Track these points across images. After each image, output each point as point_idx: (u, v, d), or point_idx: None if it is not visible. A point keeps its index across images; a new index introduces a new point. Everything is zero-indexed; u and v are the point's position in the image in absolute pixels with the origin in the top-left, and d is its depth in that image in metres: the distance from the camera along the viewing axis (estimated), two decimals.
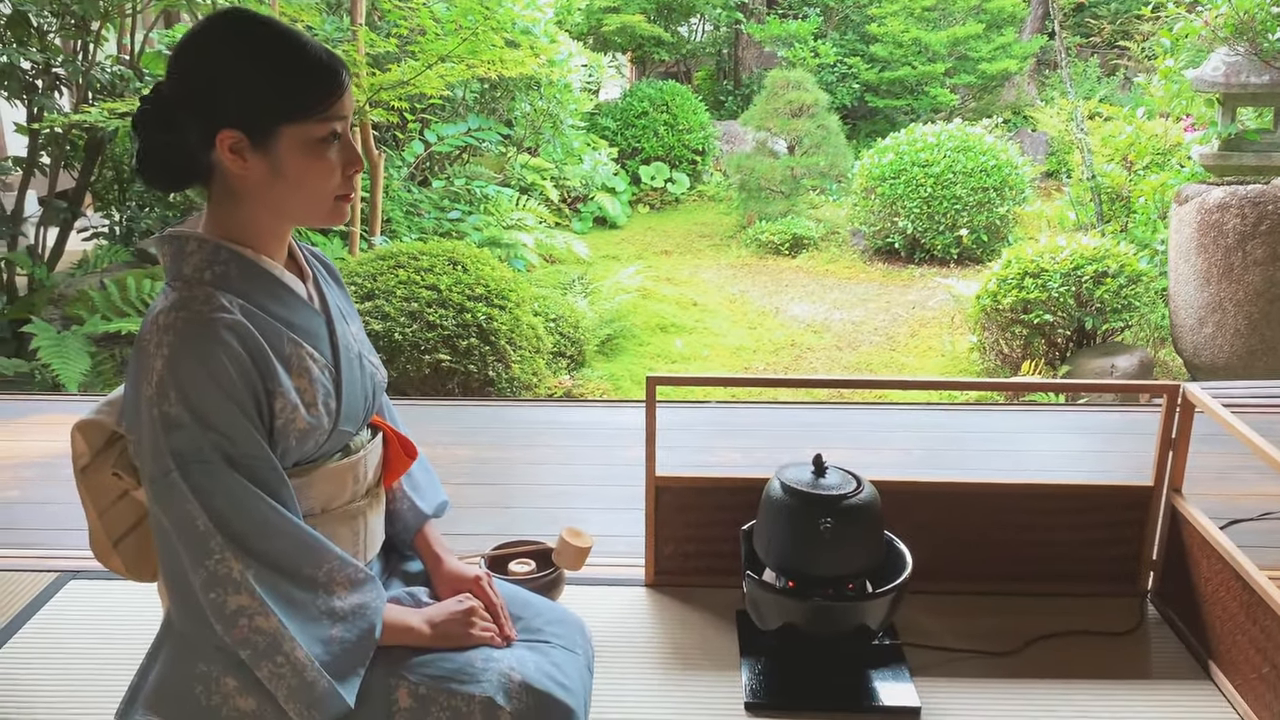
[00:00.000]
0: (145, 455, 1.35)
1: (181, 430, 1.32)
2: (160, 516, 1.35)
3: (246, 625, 1.34)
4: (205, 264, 1.38)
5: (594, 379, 5.07)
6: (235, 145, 1.33)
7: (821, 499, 1.78)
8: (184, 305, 1.34)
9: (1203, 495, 2.64)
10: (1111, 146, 6.41)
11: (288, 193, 1.38)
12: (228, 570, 1.34)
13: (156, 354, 1.32)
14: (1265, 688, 1.73)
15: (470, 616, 1.58)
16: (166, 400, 1.31)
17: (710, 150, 9.48)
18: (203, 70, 1.32)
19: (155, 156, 1.36)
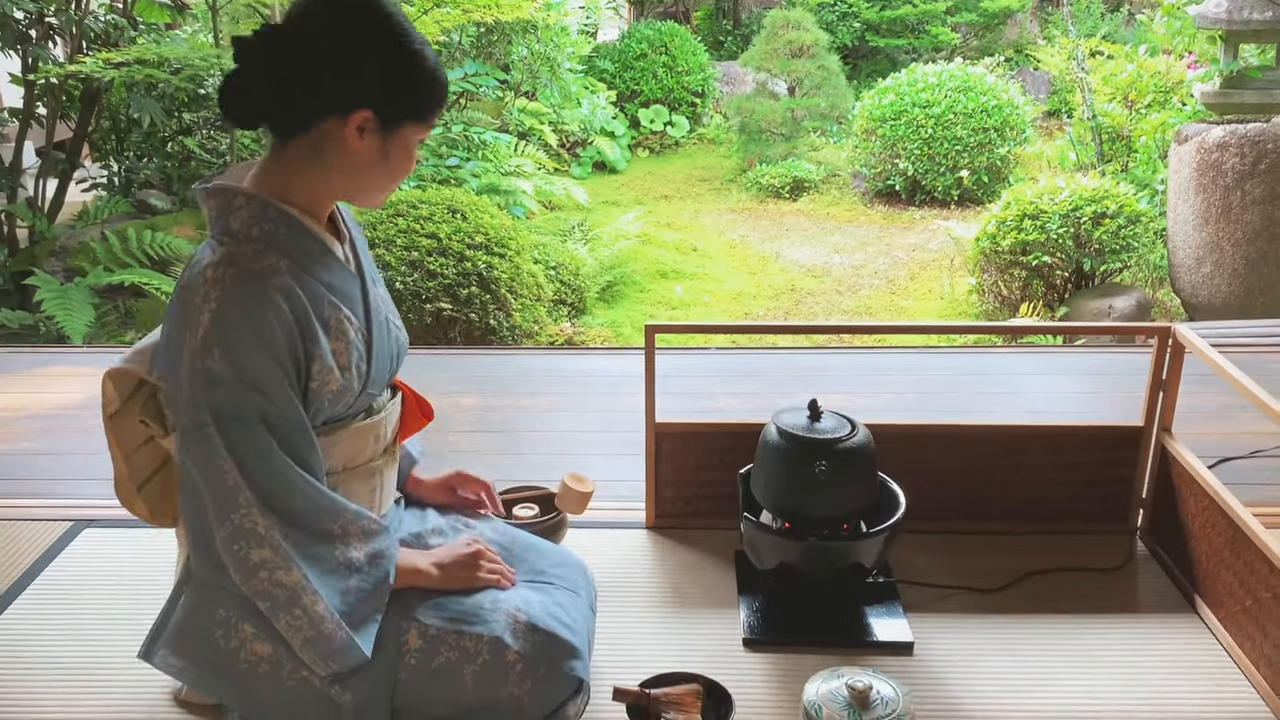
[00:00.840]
0: (181, 405, 1.37)
1: (223, 387, 1.34)
2: (189, 467, 1.39)
3: (267, 578, 1.39)
4: (254, 220, 1.39)
5: (595, 326, 5.10)
6: (364, 125, 1.37)
7: (816, 443, 1.82)
8: (233, 261, 1.36)
9: (1196, 434, 2.68)
10: (1113, 85, 6.36)
11: (377, 177, 1.43)
12: (252, 525, 1.37)
13: (203, 307, 1.33)
14: (1247, 619, 1.78)
15: (477, 559, 1.63)
16: (210, 355, 1.33)
17: (710, 92, 9.40)
18: (364, 49, 1.35)
19: (260, 97, 1.36)
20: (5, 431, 2.84)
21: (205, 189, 1.43)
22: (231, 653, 1.50)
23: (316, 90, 1.35)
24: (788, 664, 1.80)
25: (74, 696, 1.73)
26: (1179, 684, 1.76)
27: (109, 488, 2.50)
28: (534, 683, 1.56)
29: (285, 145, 1.42)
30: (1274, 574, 1.69)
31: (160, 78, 4.78)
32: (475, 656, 1.55)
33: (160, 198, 5.63)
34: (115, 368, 1.49)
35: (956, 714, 1.69)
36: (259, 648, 1.49)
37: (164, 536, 2.16)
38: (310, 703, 1.50)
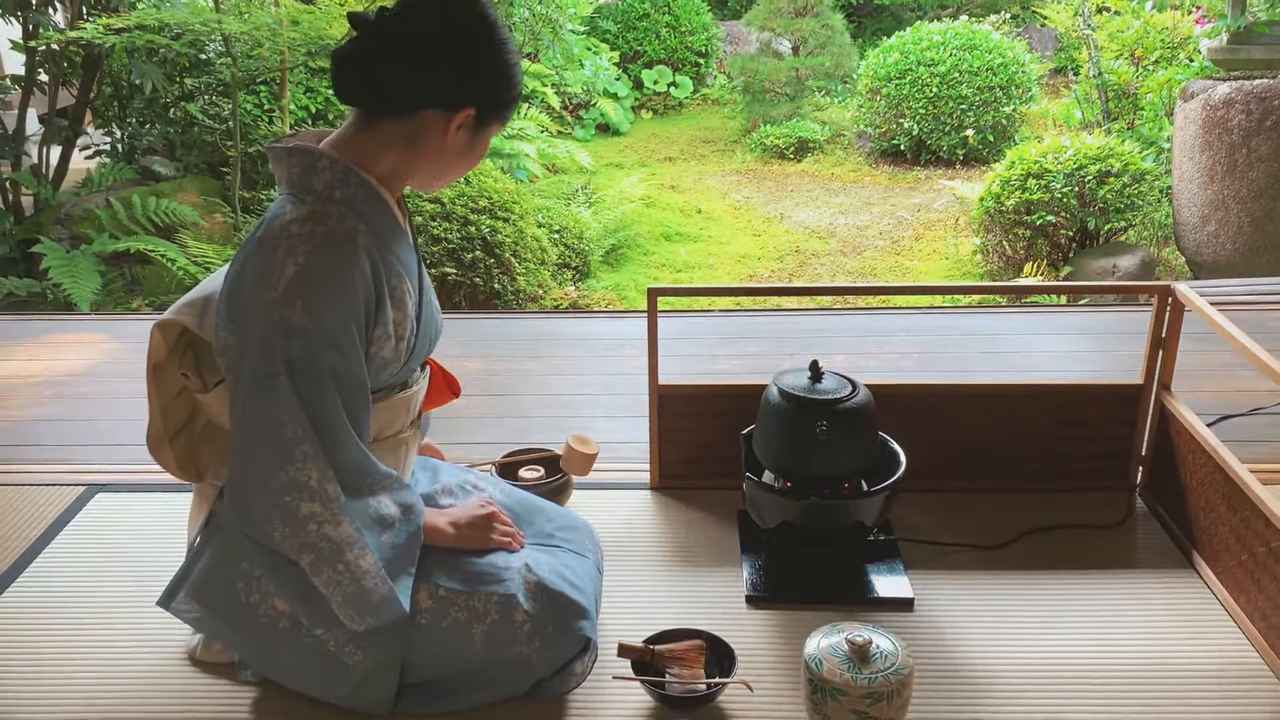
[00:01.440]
0: (250, 353, 1.39)
1: (301, 339, 1.37)
2: (247, 414, 1.40)
3: (315, 531, 1.41)
4: (336, 184, 1.43)
5: (599, 289, 5.11)
6: (466, 121, 1.43)
7: (817, 403, 1.84)
8: (319, 219, 1.39)
9: (1197, 392, 2.71)
10: (1119, 42, 6.30)
11: (456, 169, 1.50)
12: (306, 478, 1.40)
13: (288, 260, 1.36)
14: (1243, 574, 1.81)
15: (491, 521, 1.67)
16: (291, 306, 1.36)
17: (713, 52, 9.33)
18: (479, 53, 1.41)
19: (373, 78, 1.42)
20: (16, 398, 2.87)
21: (284, 147, 1.46)
22: (251, 607, 1.54)
23: (430, 83, 1.41)
24: (789, 620, 1.83)
25: (89, 657, 1.77)
26: (1176, 637, 1.79)
27: (121, 453, 2.55)
28: (542, 642, 1.59)
29: (376, 122, 1.46)
30: (1270, 529, 1.71)
31: (161, 43, 4.76)
32: (484, 617, 1.58)
33: (164, 164, 5.63)
34: (165, 319, 1.51)
35: (956, 668, 1.72)
36: (279, 604, 1.53)
37: (176, 500, 2.21)
38: (321, 661, 1.54)
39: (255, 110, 5.62)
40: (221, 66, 5.50)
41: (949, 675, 1.70)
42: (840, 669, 1.47)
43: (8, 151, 4.92)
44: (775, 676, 1.69)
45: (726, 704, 1.63)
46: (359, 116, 1.47)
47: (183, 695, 1.67)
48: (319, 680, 1.57)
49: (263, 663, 1.60)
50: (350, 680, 1.55)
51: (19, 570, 2.01)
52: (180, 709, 1.65)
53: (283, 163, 1.46)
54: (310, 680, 1.57)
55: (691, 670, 1.63)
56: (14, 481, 2.36)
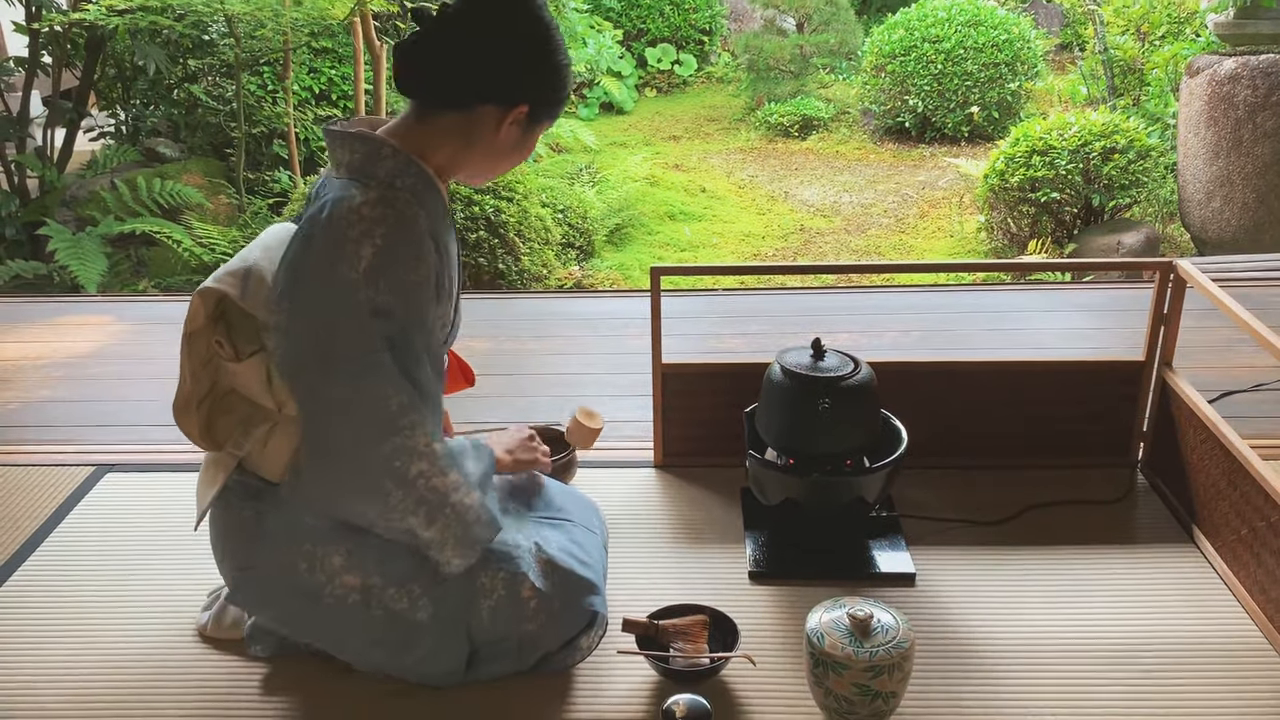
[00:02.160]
0: (339, 334, 1.43)
1: (393, 319, 1.43)
2: (343, 393, 1.44)
3: (424, 485, 1.48)
4: (398, 172, 1.48)
5: (603, 269, 5.12)
6: (518, 117, 1.49)
7: (819, 381, 1.85)
8: (389, 203, 1.43)
9: (1200, 368, 2.72)
10: (1125, 17, 6.27)
11: (505, 162, 1.56)
12: (414, 442, 1.46)
13: (364, 241, 1.40)
14: (1243, 548, 1.82)
15: (531, 441, 1.81)
16: (376, 288, 1.41)
17: (717, 30, 9.28)
18: (537, 53, 1.47)
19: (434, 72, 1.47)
20: (24, 380, 2.89)
21: (347, 132, 1.49)
22: (318, 586, 1.56)
23: (488, 79, 1.46)
24: (792, 596, 1.85)
25: (99, 635, 1.80)
26: (1176, 611, 1.80)
27: (129, 433, 2.57)
28: (549, 618, 1.61)
29: (432, 114, 1.51)
30: (1269, 504, 1.73)
31: (164, 24, 4.76)
32: (491, 592, 1.60)
33: (168, 145, 5.63)
34: (207, 286, 1.52)
35: (957, 642, 1.73)
36: (347, 579, 1.56)
37: (185, 480, 2.23)
38: (392, 630, 1.58)
39: (259, 91, 5.62)
40: (225, 47, 5.49)
41: (950, 649, 1.72)
42: (842, 643, 1.48)
43: (12, 134, 4.93)
44: (778, 651, 1.71)
45: (729, 678, 1.65)
46: (416, 108, 1.52)
47: (193, 672, 1.70)
48: (390, 651, 1.60)
49: (331, 642, 1.62)
50: (421, 646, 1.58)
51: (30, 550, 2.04)
52: (191, 685, 1.67)
53: (344, 147, 1.49)
54: (381, 653, 1.60)
55: (695, 645, 1.65)
56: (24, 462, 2.39)
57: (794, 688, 1.63)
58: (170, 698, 1.65)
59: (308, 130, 5.56)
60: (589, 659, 1.68)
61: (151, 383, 2.87)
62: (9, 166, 4.96)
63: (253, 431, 1.58)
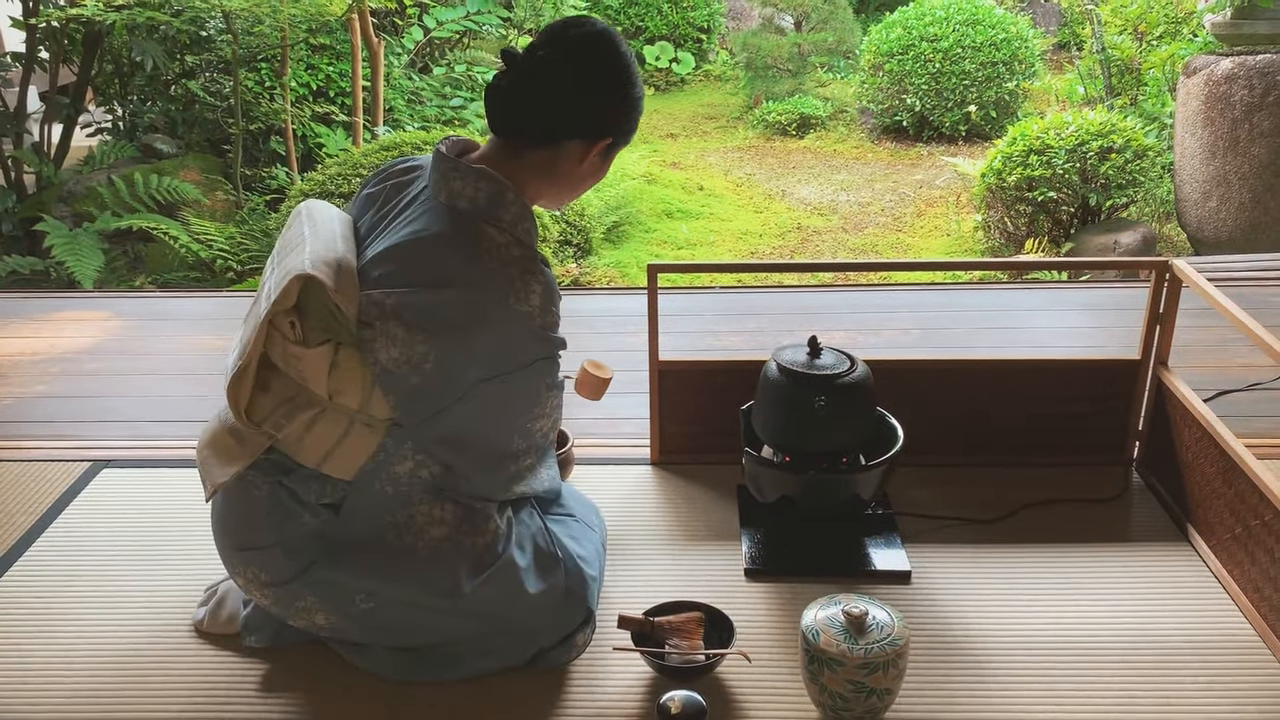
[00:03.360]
0: (515, 355, 1.56)
1: (553, 333, 1.58)
2: (508, 388, 1.57)
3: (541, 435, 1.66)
4: (520, 217, 1.57)
5: (600, 267, 5.12)
6: (603, 148, 1.58)
7: (816, 378, 1.86)
8: (525, 244, 1.56)
9: (1196, 367, 2.72)
10: (1123, 17, 6.27)
11: (584, 188, 1.65)
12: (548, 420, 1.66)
13: (531, 280, 1.53)
14: (1237, 547, 1.83)
15: None
16: (547, 314, 1.55)
17: (715, 28, 9.28)
18: (619, 90, 1.56)
19: (527, 112, 1.55)
20: (21, 375, 2.89)
21: (473, 168, 1.55)
22: (407, 548, 1.57)
23: (580, 120, 1.54)
24: (788, 593, 1.85)
25: (95, 631, 1.80)
26: (1170, 609, 1.81)
27: (126, 429, 2.57)
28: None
29: (523, 151, 1.57)
30: (1263, 503, 1.73)
31: (161, 20, 4.76)
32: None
33: (165, 142, 5.63)
34: (309, 273, 1.50)
35: (952, 639, 1.74)
36: (435, 531, 1.59)
37: (181, 476, 2.23)
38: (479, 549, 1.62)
39: (256, 88, 5.61)
40: (222, 43, 5.49)
41: (945, 647, 1.72)
42: (837, 640, 1.49)
43: (9, 129, 4.93)
44: (773, 648, 1.71)
45: (725, 675, 1.65)
46: (505, 145, 1.58)
47: (189, 667, 1.70)
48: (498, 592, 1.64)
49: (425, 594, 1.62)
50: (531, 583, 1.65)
51: (26, 545, 2.04)
52: (187, 681, 1.67)
53: (466, 182, 1.54)
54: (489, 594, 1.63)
55: (691, 642, 1.65)
56: (20, 457, 2.39)
57: (789, 684, 1.64)
58: (166, 693, 1.65)
59: (305, 127, 5.56)
60: (585, 656, 1.68)
61: (148, 379, 2.87)
62: (6, 162, 4.96)
63: (296, 415, 1.57)
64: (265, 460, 1.60)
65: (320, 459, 1.57)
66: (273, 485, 1.59)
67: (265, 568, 1.60)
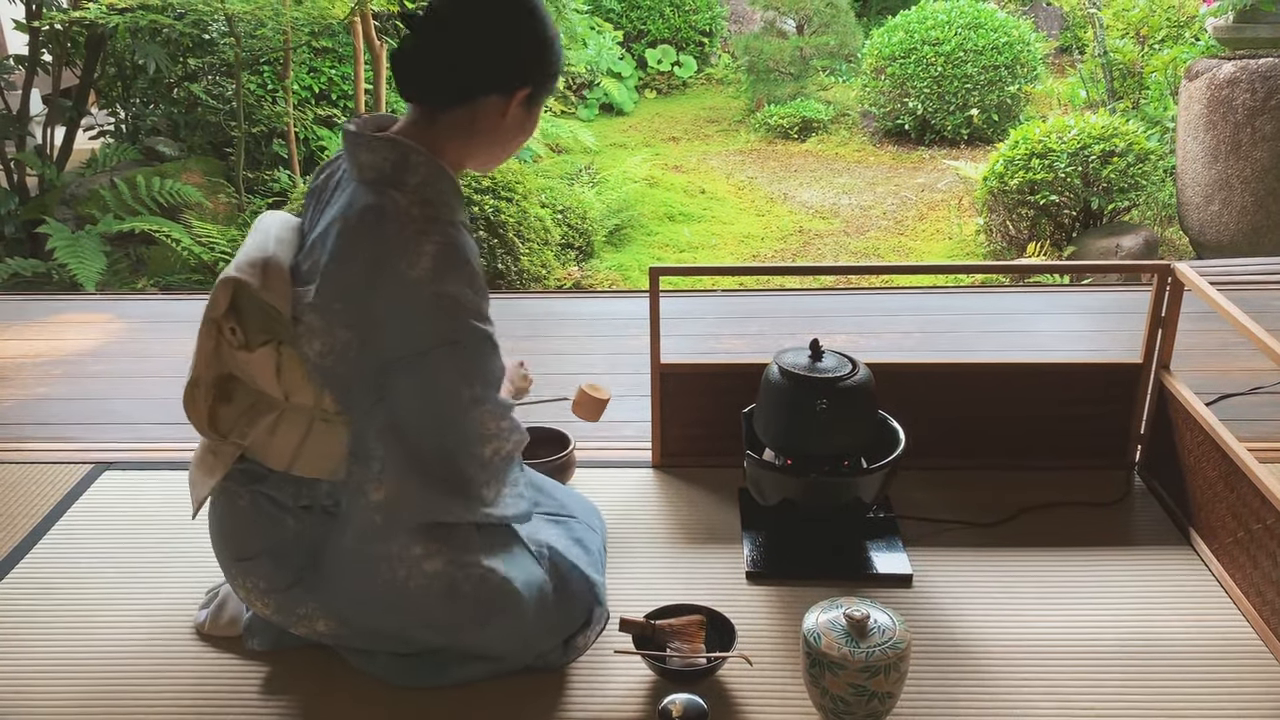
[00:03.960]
0: (411, 330, 1.46)
1: (464, 313, 1.46)
2: (418, 383, 1.48)
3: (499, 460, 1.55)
4: (431, 178, 1.50)
5: (602, 269, 5.12)
6: (523, 99, 1.51)
7: (817, 381, 1.85)
8: (431, 206, 1.47)
9: (1198, 371, 2.72)
10: (1125, 21, 6.27)
11: (512, 145, 1.58)
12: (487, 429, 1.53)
13: (423, 239, 1.44)
14: (1239, 551, 1.82)
15: (520, 367, 1.91)
16: (443, 282, 1.44)
17: (718, 31, 9.29)
18: (529, 34, 1.48)
19: (435, 73, 1.49)
20: (23, 377, 2.89)
21: (376, 138, 1.50)
22: (399, 581, 1.56)
23: (491, 71, 1.48)
24: (789, 596, 1.85)
25: (97, 632, 1.80)
26: (1172, 613, 1.80)
27: (128, 431, 2.57)
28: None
29: (438, 114, 1.52)
30: (1266, 507, 1.73)
31: (164, 23, 4.76)
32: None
33: (168, 144, 5.63)
34: (231, 276, 1.52)
35: (953, 643, 1.74)
36: (428, 565, 1.55)
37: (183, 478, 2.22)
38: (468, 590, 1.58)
39: (259, 90, 5.62)
40: (225, 46, 5.49)
41: (946, 650, 1.72)
42: (838, 643, 1.49)
43: (12, 132, 4.93)
44: (774, 651, 1.71)
45: (726, 678, 1.65)
46: (420, 110, 1.53)
47: (191, 669, 1.70)
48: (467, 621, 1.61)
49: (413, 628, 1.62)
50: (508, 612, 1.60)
51: (28, 547, 2.04)
52: (189, 683, 1.67)
53: (372, 152, 1.50)
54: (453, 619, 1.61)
55: (692, 645, 1.65)
56: (22, 459, 2.39)
57: (790, 688, 1.63)
58: (168, 695, 1.65)
59: (307, 130, 5.56)
60: (586, 659, 1.68)
61: (149, 381, 2.87)
62: (9, 164, 4.96)
63: (258, 421, 1.58)
64: (239, 470, 1.61)
65: (289, 461, 1.57)
66: (252, 494, 1.61)
67: (262, 575, 1.61)
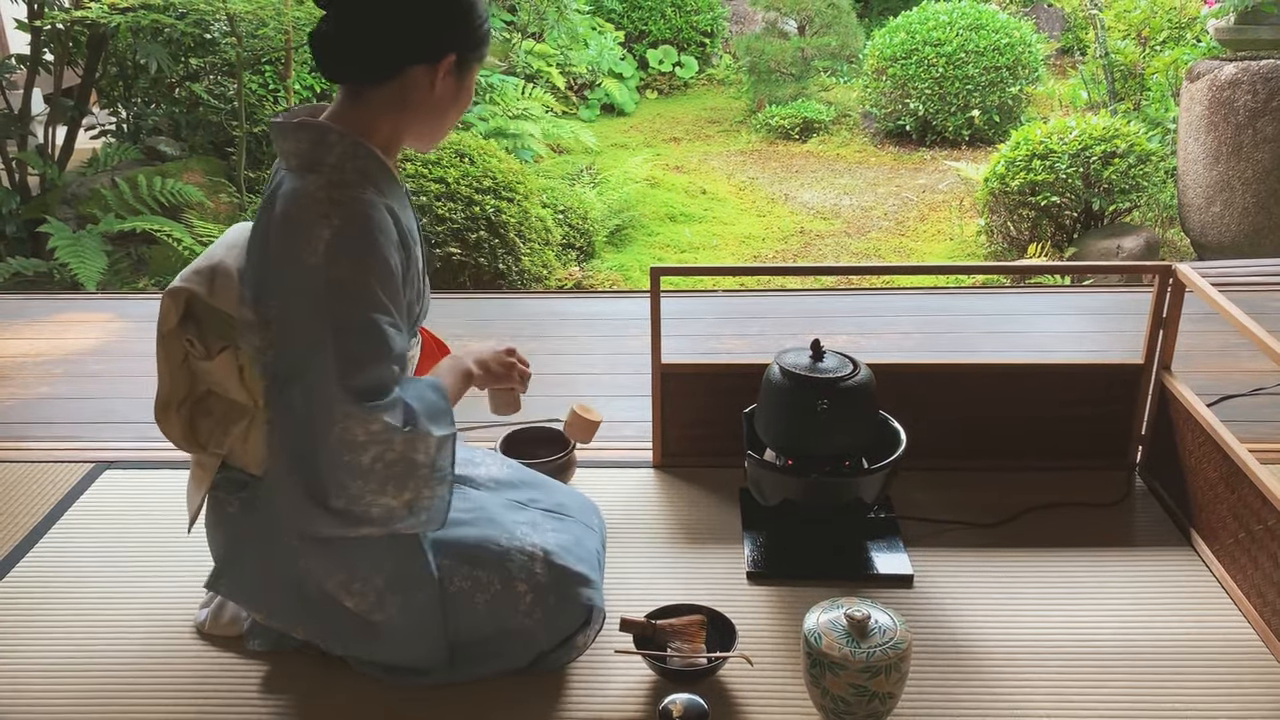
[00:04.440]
0: (303, 319, 1.42)
1: (348, 298, 1.41)
2: (304, 381, 1.44)
3: (382, 466, 1.46)
4: (348, 156, 1.46)
5: (603, 270, 5.12)
6: (449, 68, 1.46)
7: (818, 381, 1.85)
8: (341, 187, 1.43)
9: (1199, 372, 2.72)
10: (1126, 22, 6.27)
11: (449, 117, 1.53)
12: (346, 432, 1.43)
13: (322, 224, 1.40)
14: (1240, 552, 1.82)
15: (511, 356, 1.74)
16: (336, 265, 1.40)
17: (719, 32, 9.29)
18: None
19: (354, 51, 1.45)
20: (24, 376, 2.89)
21: (291, 124, 1.48)
22: (298, 581, 1.57)
23: (407, 42, 1.44)
24: (790, 596, 1.85)
25: (97, 631, 1.80)
26: (1173, 614, 1.80)
27: (128, 430, 2.56)
28: (545, 613, 1.62)
29: (365, 92, 1.49)
30: (1267, 508, 1.73)
31: (166, 23, 4.76)
32: (487, 587, 1.61)
33: (169, 144, 5.63)
34: (175, 286, 1.53)
35: (954, 643, 1.74)
36: (327, 573, 1.56)
37: (183, 477, 2.22)
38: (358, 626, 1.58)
39: (260, 90, 5.62)
40: (226, 46, 5.49)
41: (947, 651, 1.72)
42: (839, 643, 1.48)
43: (13, 131, 4.93)
44: (775, 651, 1.71)
45: (727, 678, 1.65)
46: (348, 90, 1.50)
47: (192, 668, 1.70)
48: (365, 645, 1.61)
49: (316, 634, 1.63)
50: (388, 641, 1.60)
51: (28, 546, 2.04)
52: (189, 682, 1.67)
53: (290, 138, 1.48)
54: (360, 646, 1.62)
55: (692, 645, 1.65)
56: (23, 458, 2.39)
57: (791, 688, 1.63)
58: (169, 694, 1.65)
59: None
60: (586, 659, 1.68)
61: (150, 380, 2.83)
62: (10, 164, 4.96)
63: (231, 429, 1.59)
64: (223, 479, 1.63)
65: (263, 465, 1.58)
66: (240, 501, 1.62)
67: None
